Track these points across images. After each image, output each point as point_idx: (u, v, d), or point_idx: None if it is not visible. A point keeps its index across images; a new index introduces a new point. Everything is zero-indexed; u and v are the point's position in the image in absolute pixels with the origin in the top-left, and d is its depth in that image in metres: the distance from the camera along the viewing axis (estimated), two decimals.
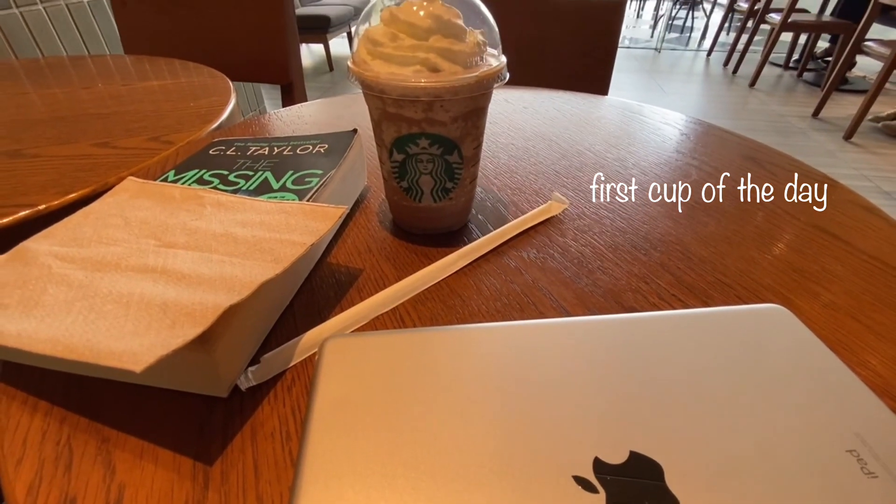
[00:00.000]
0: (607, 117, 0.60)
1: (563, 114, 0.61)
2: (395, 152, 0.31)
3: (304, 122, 0.58)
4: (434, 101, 0.27)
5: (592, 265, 0.32)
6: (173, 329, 0.19)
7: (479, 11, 0.29)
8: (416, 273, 0.31)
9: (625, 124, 0.57)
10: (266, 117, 0.60)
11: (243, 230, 0.27)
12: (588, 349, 0.23)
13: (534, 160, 0.48)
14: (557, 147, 0.51)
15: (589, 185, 0.43)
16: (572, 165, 0.47)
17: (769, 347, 0.23)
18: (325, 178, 0.34)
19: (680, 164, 0.47)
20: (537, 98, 0.67)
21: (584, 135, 0.54)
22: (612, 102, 0.65)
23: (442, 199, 0.33)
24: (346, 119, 0.59)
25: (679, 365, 0.22)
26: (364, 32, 0.29)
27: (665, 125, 0.57)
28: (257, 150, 0.39)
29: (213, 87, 0.71)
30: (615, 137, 0.53)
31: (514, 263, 0.32)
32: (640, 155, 0.49)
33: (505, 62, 0.29)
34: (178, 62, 0.87)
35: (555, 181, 0.44)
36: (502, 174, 0.45)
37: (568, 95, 0.68)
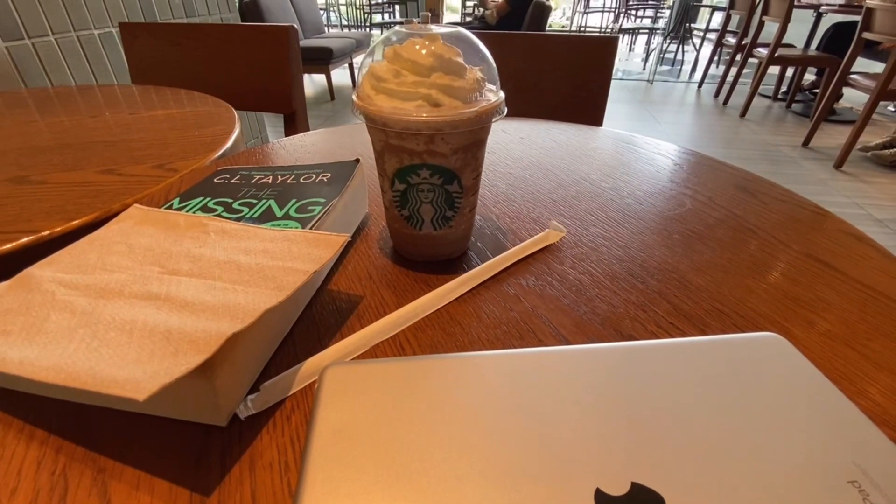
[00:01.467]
0: (602, 147, 0.61)
1: (560, 144, 0.63)
2: (397, 182, 0.32)
3: (306, 151, 0.59)
4: (435, 135, 0.28)
5: (591, 293, 0.32)
6: (176, 357, 0.19)
7: (479, 49, 0.30)
8: (416, 300, 0.31)
9: (619, 154, 0.58)
10: (269, 146, 0.61)
11: (247, 258, 0.27)
12: (588, 378, 0.23)
13: (531, 189, 0.49)
14: (554, 176, 0.52)
15: (585, 213, 0.44)
16: (569, 194, 0.48)
17: (767, 377, 0.24)
18: (327, 207, 0.34)
19: (674, 194, 0.48)
20: (534, 129, 0.69)
21: (579, 164, 0.55)
22: (606, 133, 0.67)
23: (442, 228, 0.34)
24: (347, 148, 0.60)
25: (678, 394, 0.22)
26: (368, 68, 0.30)
27: (658, 155, 0.58)
28: (261, 179, 0.40)
29: (218, 117, 0.72)
30: (610, 167, 0.54)
31: (514, 291, 0.33)
32: (635, 184, 0.50)
33: (503, 97, 0.31)
34: (184, 92, 0.89)
35: (552, 209, 0.44)
36: (501, 202, 0.46)
37: (564, 126, 0.70)
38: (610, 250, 0.38)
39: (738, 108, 3.61)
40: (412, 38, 0.29)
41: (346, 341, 0.27)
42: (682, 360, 0.24)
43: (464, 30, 0.30)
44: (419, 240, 0.35)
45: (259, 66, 1.07)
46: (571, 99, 0.92)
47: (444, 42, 0.29)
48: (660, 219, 0.43)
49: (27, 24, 1.19)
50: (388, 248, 0.38)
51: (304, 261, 0.27)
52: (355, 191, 0.39)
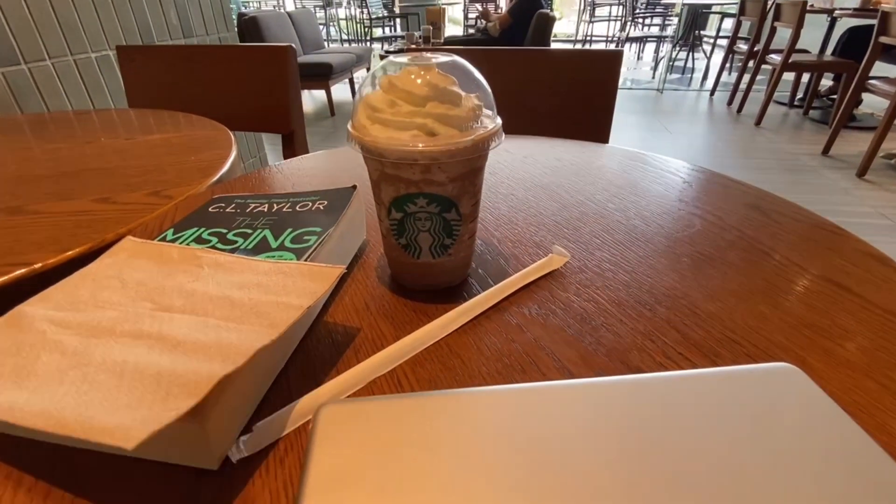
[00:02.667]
0: (608, 166, 0.62)
1: (564, 163, 0.63)
2: (394, 211, 0.32)
3: (304, 175, 0.60)
4: (431, 164, 0.29)
5: (596, 322, 0.33)
6: (167, 401, 0.20)
7: (474, 77, 0.31)
8: (414, 332, 0.31)
9: (626, 173, 0.59)
10: (266, 171, 0.63)
11: (240, 293, 0.28)
12: (594, 414, 0.23)
13: (534, 211, 0.49)
14: (558, 197, 0.53)
15: (590, 236, 0.44)
16: (573, 216, 0.48)
17: (782, 410, 0.23)
18: (323, 237, 0.35)
19: (683, 214, 0.48)
20: (538, 147, 0.70)
21: (584, 184, 0.56)
22: (612, 151, 0.67)
23: (440, 256, 0.34)
24: (347, 172, 0.61)
25: (689, 430, 0.22)
26: (364, 99, 0.31)
27: (667, 173, 0.59)
28: (257, 207, 0.41)
29: (215, 140, 0.74)
30: (616, 187, 0.55)
31: (516, 320, 0.33)
32: (642, 205, 0.50)
33: (500, 124, 0.31)
34: (182, 115, 0.91)
35: (556, 233, 0.45)
36: (503, 226, 0.46)
37: (568, 144, 0.71)
38: (616, 275, 0.38)
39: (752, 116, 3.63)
40: (407, 67, 0.30)
41: (341, 377, 0.28)
42: (691, 394, 0.24)
43: (459, 58, 0.31)
44: (417, 268, 0.35)
45: (257, 87, 1.10)
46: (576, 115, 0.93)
47: (440, 71, 0.29)
48: (668, 241, 0.43)
49: (24, 48, 1.23)
50: (386, 277, 0.38)
51: (299, 295, 0.27)
52: (352, 219, 0.40)
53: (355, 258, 0.41)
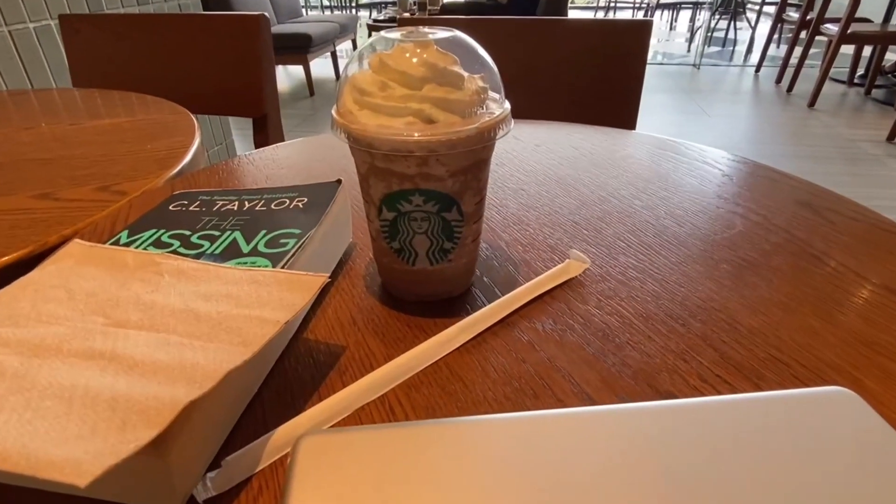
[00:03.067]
0: (635, 156, 0.62)
1: (583, 153, 0.64)
2: (385, 210, 0.33)
3: (279, 167, 0.61)
4: (429, 156, 0.29)
5: (620, 339, 0.33)
6: (124, 431, 0.20)
7: (478, 55, 0.32)
8: (409, 351, 0.32)
9: (656, 164, 0.60)
10: (235, 161, 0.63)
11: (207, 305, 0.28)
12: (618, 446, 0.23)
13: (548, 209, 0.50)
14: (576, 193, 0.53)
15: (614, 238, 0.45)
16: (593, 215, 0.49)
17: (836, 441, 0.24)
18: (302, 240, 0.35)
19: (722, 213, 0.48)
20: (552, 134, 0.71)
21: (607, 178, 0.57)
22: (640, 138, 0.68)
23: (440, 262, 0.35)
24: (329, 163, 0.62)
25: (728, 466, 0.23)
26: (350, 80, 0.31)
27: (704, 165, 0.59)
28: (225, 205, 0.41)
29: (175, 126, 0.74)
30: (644, 181, 0.56)
31: (527, 337, 0.33)
32: (675, 202, 0.51)
33: (508, 109, 0.32)
34: (135, 96, 0.92)
35: (574, 234, 0.45)
36: (511, 226, 0.47)
37: (588, 130, 0.72)
38: (644, 285, 0.38)
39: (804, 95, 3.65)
40: (401, 44, 0.30)
41: (324, 404, 0.28)
42: (731, 423, 0.24)
43: (461, 33, 0.31)
44: (412, 277, 0.36)
45: (223, 62, 1.10)
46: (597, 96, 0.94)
47: (438, 48, 0.30)
48: (705, 244, 0.43)
49: None
50: (375, 286, 0.39)
51: (275, 308, 0.28)
52: (336, 218, 0.40)
53: (340, 264, 0.41)
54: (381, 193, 0.32)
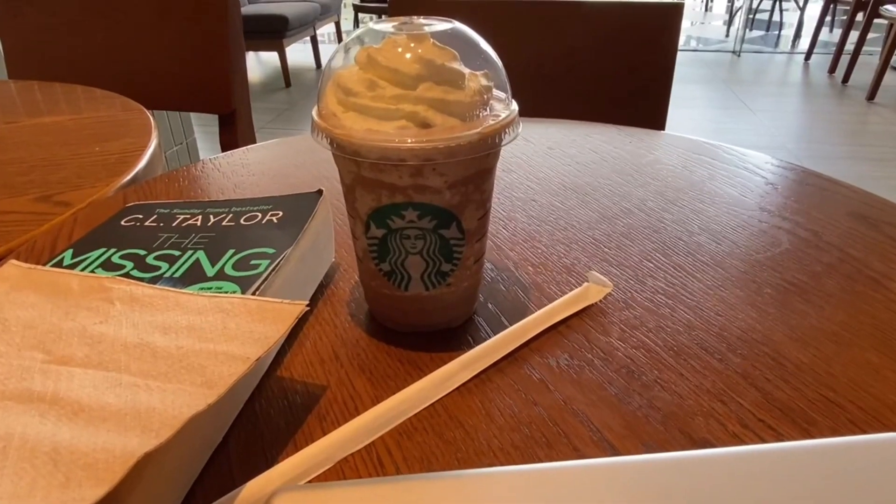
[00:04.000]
0: (664, 161, 0.63)
1: (604, 157, 0.65)
2: (373, 226, 0.33)
3: (250, 173, 0.62)
4: (424, 165, 0.30)
5: (647, 377, 0.33)
6: (67, 489, 0.20)
7: (481, 49, 0.32)
8: (400, 392, 0.32)
9: (689, 171, 0.60)
10: (199, 167, 0.64)
11: (165, 339, 0.28)
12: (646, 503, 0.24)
13: (563, 223, 0.51)
14: (596, 204, 0.54)
15: (640, 258, 0.45)
16: (616, 231, 0.49)
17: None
18: (277, 262, 0.36)
19: (765, 228, 0.49)
20: (567, 135, 0.71)
21: (632, 187, 0.57)
22: (670, 140, 0.69)
23: (437, 286, 0.35)
24: (308, 169, 0.63)
25: None
26: (334, 77, 0.32)
27: (745, 171, 0.60)
28: (187, 220, 0.42)
29: (128, 125, 0.75)
30: (675, 190, 0.56)
31: (539, 375, 0.34)
32: (711, 215, 0.51)
33: (516, 111, 0.32)
34: (81, 89, 0.93)
35: (593, 253, 0.46)
36: (521, 244, 0.47)
37: (610, 131, 0.72)
38: (675, 313, 0.39)
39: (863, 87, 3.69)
40: (392, 37, 0.31)
41: (301, 455, 0.28)
42: (777, 476, 0.25)
43: (461, 25, 0.32)
44: (405, 304, 0.36)
45: (185, 50, 1.12)
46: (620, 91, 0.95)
47: (436, 43, 0.31)
48: (745, 265, 0.44)
49: None
50: (361, 315, 0.39)
51: (245, 342, 0.28)
52: (317, 235, 0.41)
53: (320, 289, 0.42)
54: (369, 207, 0.33)
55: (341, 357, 0.35)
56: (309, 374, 0.34)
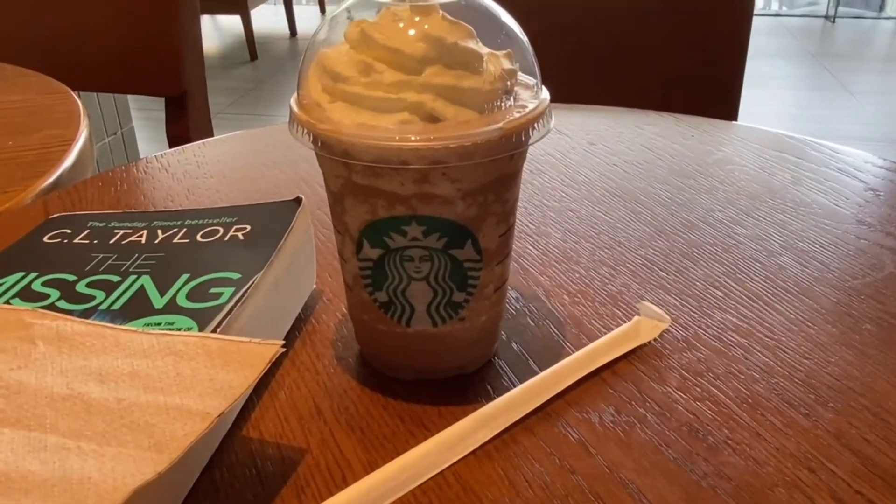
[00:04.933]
0: (736, 160, 0.63)
1: (659, 155, 0.65)
2: (367, 245, 0.34)
3: (206, 175, 0.62)
4: (432, 169, 0.30)
5: (715, 436, 0.34)
6: None
7: (501, 23, 0.33)
8: (401, 457, 0.32)
9: (768, 173, 0.61)
10: (141, 167, 0.65)
11: (102, 389, 0.29)
12: None
13: (608, 240, 0.51)
14: (649, 216, 0.54)
15: (705, 285, 0.45)
16: (675, 249, 0.50)
17: None
18: (244, 290, 0.36)
19: (864, 246, 0.49)
20: (612, 126, 0.72)
21: (694, 193, 0.58)
22: (743, 133, 0.69)
23: (447, 321, 0.35)
24: (282, 170, 0.63)
25: None
26: (318, 59, 0.33)
27: (839, 174, 0.60)
28: (128, 236, 0.42)
29: (50, 111, 0.76)
30: (750, 197, 0.57)
31: (576, 434, 0.34)
32: (795, 230, 0.52)
33: (547, 100, 0.33)
34: None
35: (645, 278, 0.46)
36: (553, 266, 0.48)
37: (666, 121, 0.73)
38: (749, 355, 0.39)
39: None
40: (392, 8, 0.32)
41: None
42: None
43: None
44: (407, 343, 0.36)
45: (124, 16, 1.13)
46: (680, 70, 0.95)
47: (446, 16, 0.31)
48: (840, 294, 0.44)
49: None
50: (350, 356, 0.39)
51: (204, 393, 0.28)
52: (294, 256, 0.41)
53: (297, 324, 0.42)
54: (362, 221, 0.33)
55: (325, 412, 0.36)
56: (284, 434, 0.34)
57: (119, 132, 2.12)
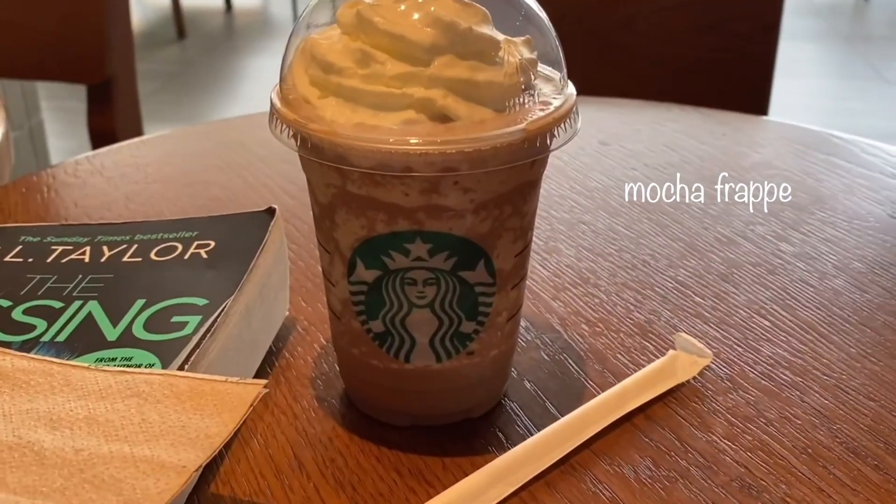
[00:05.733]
0: (776, 164, 0.64)
1: (685, 157, 0.66)
2: (361, 266, 0.34)
3: (149, 180, 0.62)
4: (442, 178, 0.31)
5: (772, 493, 0.34)
6: None
7: (520, 4, 0.33)
8: None
9: (814, 179, 0.62)
10: (69, 169, 0.64)
11: (55, 437, 0.28)
12: None
13: (631, 258, 0.52)
14: (677, 230, 0.55)
15: (750, 312, 0.46)
16: (712, 270, 0.50)
17: None
18: (213, 318, 0.36)
19: None
20: (629, 122, 0.73)
21: (729, 203, 0.58)
22: (780, 131, 0.70)
23: (453, 355, 0.36)
24: (236, 172, 0.63)
25: None
26: (306, 44, 0.33)
27: (893, 179, 0.62)
28: (68, 253, 0.42)
29: None
30: (796, 209, 0.57)
31: (608, 492, 0.34)
32: (850, 246, 0.52)
33: (573, 96, 0.34)
34: None
35: (679, 304, 0.47)
36: (568, 289, 0.48)
37: (691, 117, 0.74)
38: (806, 396, 0.40)
39: None
40: None
41: None
42: None
43: None
44: (405, 382, 0.37)
45: None
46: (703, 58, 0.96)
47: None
48: None
49: None
50: (334, 397, 0.40)
51: (176, 442, 0.28)
52: (267, 278, 0.41)
53: (268, 357, 0.42)
54: (357, 238, 0.33)
55: (307, 464, 0.36)
56: (260, 491, 0.34)
57: (26, 126, 2.10)
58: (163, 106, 3.20)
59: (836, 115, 3.11)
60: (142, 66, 3.64)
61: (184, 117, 3.07)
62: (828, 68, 3.63)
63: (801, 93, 3.28)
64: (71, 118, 2.56)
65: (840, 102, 3.26)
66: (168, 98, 3.30)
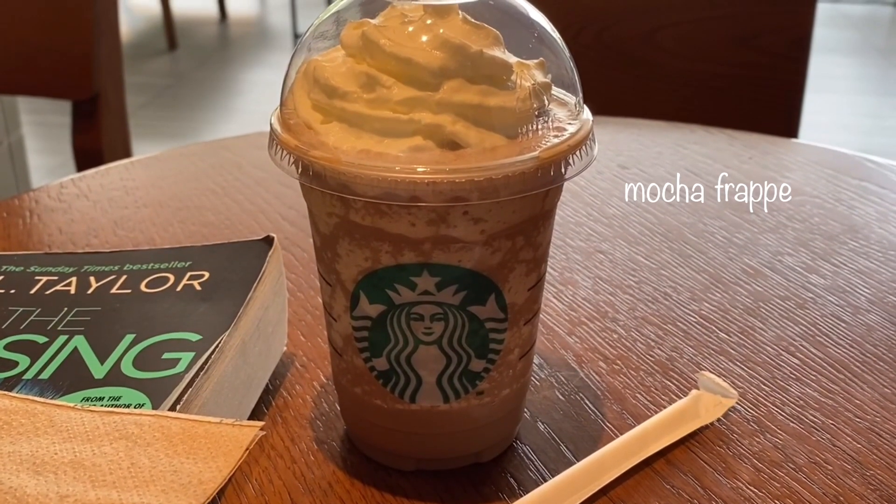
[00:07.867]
0: (806, 189, 0.64)
1: (707, 182, 0.66)
2: (366, 299, 0.34)
3: (139, 205, 0.62)
4: (451, 208, 0.31)
5: None
6: None
7: (534, 24, 0.34)
8: None
9: (846, 206, 0.62)
10: (52, 192, 0.64)
11: (39, 482, 0.29)
12: None
13: (651, 290, 0.52)
14: (701, 261, 0.55)
15: (778, 349, 0.46)
16: (737, 304, 0.50)
17: None
18: (207, 355, 0.36)
19: None
20: (650, 145, 0.73)
21: (756, 232, 0.59)
22: (810, 154, 0.71)
23: (461, 395, 0.36)
24: (231, 197, 0.63)
25: None
26: (307, 67, 0.33)
27: None
28: (53, 284, 0.43)
29: None
30: (827, 238, 0.58)
31: None
32: (885, 278, 0.53)
33: (590, 122, 0.34)
34: None
35: (702, 341, 0.47)
36: (584, 324, 0.49)
37: (717, 139, 0.74)
38: (837, 440, 0.40)
39: None
40: (399, 6, 0.33)
41: None
42: None
43: None
44: (410, 424, 0.37)
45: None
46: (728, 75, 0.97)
47: (466, 17, 0.32)
48: None
49: None
50: (335, 440, 0.40)
51: (169, 489, 0.28)
52: (265, 311, 0.42)
53: (265, 396, 0.42)
54: (360, 270, 0.34)
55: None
56: None
57: (6, 142, 2.10)
58: (152, 121, 3.21)
59: (873, 135, 3.10)
60: (130, 79, 3.66)
61: (175, 133, 3.07)
62: (863, 84, 3.64)
63: (834, 111, 3.28)
64: (53, 133, 2.58)
65: (877, 121, 3.25)
66: (158, 113, 3.32)
